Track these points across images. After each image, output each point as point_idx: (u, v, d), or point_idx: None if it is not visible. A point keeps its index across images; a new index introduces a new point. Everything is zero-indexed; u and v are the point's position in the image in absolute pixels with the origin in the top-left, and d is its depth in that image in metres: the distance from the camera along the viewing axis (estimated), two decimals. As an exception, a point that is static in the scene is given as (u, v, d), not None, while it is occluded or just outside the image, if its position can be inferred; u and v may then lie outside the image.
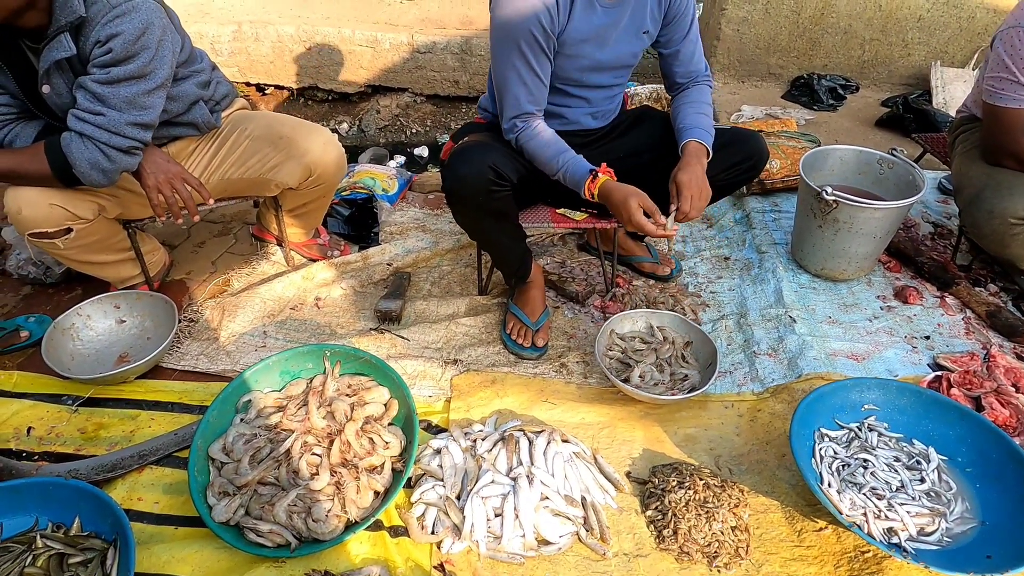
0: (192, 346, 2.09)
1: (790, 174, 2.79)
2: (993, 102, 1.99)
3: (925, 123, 3.31)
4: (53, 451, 1.77)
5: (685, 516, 1.56)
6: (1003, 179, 2.04)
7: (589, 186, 1.77)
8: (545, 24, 1.70)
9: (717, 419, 1.90)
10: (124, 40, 1.61)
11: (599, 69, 1.88)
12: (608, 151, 2.07)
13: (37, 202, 1.77)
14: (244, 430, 1.68)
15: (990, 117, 2.04)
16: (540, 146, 1.83)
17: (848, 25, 3.75)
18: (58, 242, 1.86)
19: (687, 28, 1.93)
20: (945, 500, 1.58)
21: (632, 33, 1.86)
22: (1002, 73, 1.94)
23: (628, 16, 1.81)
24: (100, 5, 1.61)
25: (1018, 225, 2.00)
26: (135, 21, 1.62)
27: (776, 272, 2.40)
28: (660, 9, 1.87)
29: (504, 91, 1.81)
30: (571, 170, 1.79)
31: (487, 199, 1.79)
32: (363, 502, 1.56)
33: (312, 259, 2.49)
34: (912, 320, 2.23)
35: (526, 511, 1.53)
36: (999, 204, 2.00)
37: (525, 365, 2.06)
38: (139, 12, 1.63)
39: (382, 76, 4.81)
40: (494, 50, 1.78)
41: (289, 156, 2.05)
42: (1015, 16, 1.93)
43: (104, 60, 1.63)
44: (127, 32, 1.61)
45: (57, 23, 1.59)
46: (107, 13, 1.60)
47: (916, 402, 1.75)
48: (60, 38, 1.61)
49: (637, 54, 1.92)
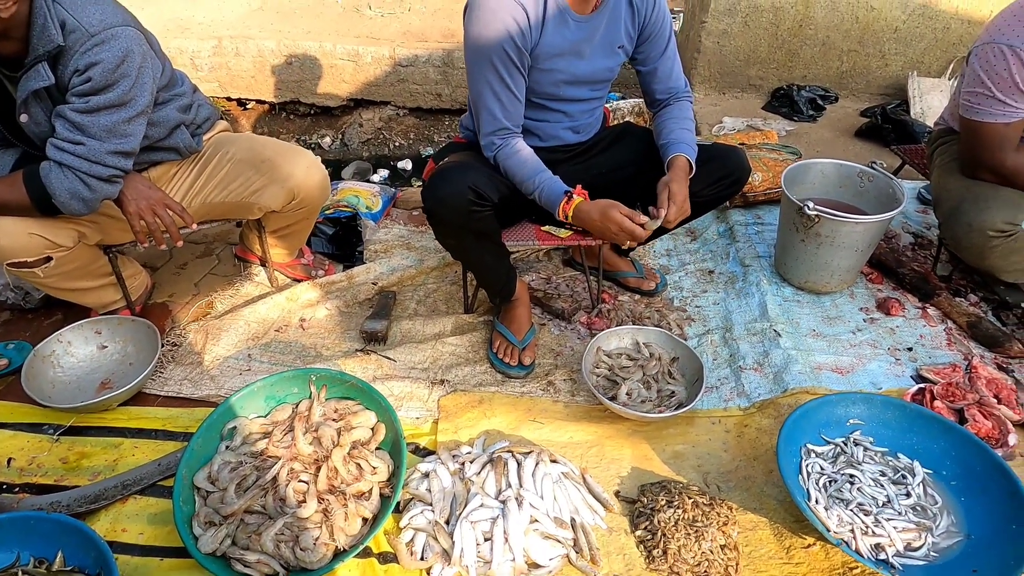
0: (176, 371, 2.07)
1: (772, 187, 2.82)
2: (970, 117, 2.02)
3: (903, 133, 3.35)
4: (34, 482, 1.74)
5: (674, 536, 1.56)
6: (981, 192, 2.07)
7: (564, 207, 1.78)
8: (517, 41, 1.71)
9: (704, 435, 1.90)
10: (103, 69, 1.60)
11: (575, 83, 1.90)
12: (591, 166, 2.08)
13: (15, 231, 1.74)
14: (230, 458, 1.67)
15: (968, 131, 2.07)
16: (517, 164, 1.84)
17: (826, 37, 3.80)
18: (38, 271, 1.83)
19: (664, 46, 1.95)
20: (931, 514, 1.60)
21: (607, 48, 1.87)
22: (978, 88, 1.97)
23: (602, 30, 1.83)
24: (79, 34, 1.59)
25: (997, 237, 2.03)
26: (114, 49, 1.60)
27: (760, 285, 2.42)
28: (635, 26, 1.88)
29: (480, 108, 1.82)
30: (547, 191, 1.81)
31: (468, 220, 1.79)
32: (351, 529, 1.54)
33: (296, 279, 2.48)
34: (895, 332, 2.26)
35: (515, 534, 1.53)
36: (977, 217, 2.03)
37: (512, 384, 2.06)
38: (118, 40, 1.61)
39: (364, 90, 4.80)
40: (469, 67, 1.80)
41: (272, 180, 2.04)
42: (989, 32, 1.96)
43: (83, 89, 1.61)
44: (106, 61, 1.60)
45: (35, 52, 1.58)
46: (86, 42, 1.59)
47: (900, 416, 1.76)
48: (38, 67, 1.59)
49: (613, 69, 1.94)
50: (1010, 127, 1.98)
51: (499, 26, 1.69)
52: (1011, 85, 1.91)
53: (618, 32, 1.86)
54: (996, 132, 1.99)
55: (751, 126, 3.61)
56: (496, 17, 1.68)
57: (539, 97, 1.90)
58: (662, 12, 1.89)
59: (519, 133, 1.88)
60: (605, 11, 1.80)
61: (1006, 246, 2.04)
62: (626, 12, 1.85)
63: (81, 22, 1.59)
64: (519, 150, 1.85)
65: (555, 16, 1.74)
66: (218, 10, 5.19)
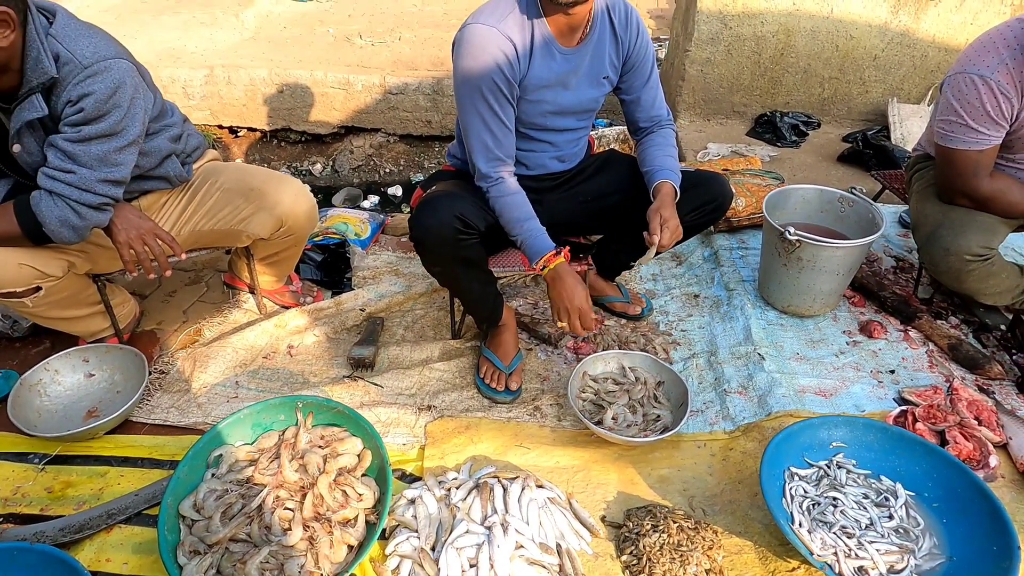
0: (163, 399, 2.07)
1: (755, 212, 2.86)
2: (945, 144, 2.07)
3: (884, 158, 3.42)
4: (18, 512, 1.73)
5: (660, 560, 1.57)
6: (957, 217, 2.12)
7: (549, 258, 1.82)
8: (506, 72, 1.75)
9: (690, 459, 1.92)
10: (96, 99, 1.62)
11: (562, 113, 1.93)
12: (576, 194, 2.12)
13: (5, 262, 1.75)
14: (216, 485, 1.66)
15: (942, 159, 2.12)
16: (509, 206, 1.85)
17: (807, 65, 3.88)
18: (27, 300, 1.84)
19: (647, 75, 1.99)
20: (913, 536, 1.61)
21: (592, 79, 1.91)
22: (951, 116, 2.02)
23: (588, 62, 1.87)
24: (72, 66, 1.62)
25: (973, 261, 2.07)
26: (107, 81, 1.63)
27: (744, 309, 2.45)
28: (619, 56, 1.92)
29: (472, 140, 1.85)
30: (531, 241, 1.83)
31: (455, 248, 1.82)
32: (337, 557, 1.54)
33: (285, 306, 2.49)
34: (877, 354, 2.28)
35: (501, 561, 1.53)
36: (954, 242, 2.07)
37: (499, 409, 2.07)
38: (111, 72, 1.64)
39: (355, 117, 4.85)
40: (459, 99, 1.83)
41: (260, 207, 2.06)
42: (960, 62, 2.02)
43: (75, 119, 1.64)
44: (99, 92, 1.62)
45: (28, 84, 1.60)
46: (79, 73, 1.62)
47: (883, 438, 1.78)
48: (32, 99, 1.62)
49: (598, 99, 1.98)
50: (983, 154, 2.02)
51: (488, 59, 1.72)
52: (983, 113, 1.96)
53: (603, 63, 1.90)
54: (970, 159, 2.04)
55: (735, 152, 3.67)
56: (485, 51, 1.72)
57: (526, 127, 1.93)
58: (645, 42, 1.94)
59: (511, 163, 1.91)
60: (590, 43, 1.84)
61: (983, 270, 2.08)
62: (610, 43, 1.89)
63: (75, 54, 1.62)
64: (513, 192, 1.87)
65: (542, 48, 1.78)
66: (210, 40, 5.25)
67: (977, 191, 2.07)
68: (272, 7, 5.98)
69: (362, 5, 6.29)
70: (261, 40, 5.33)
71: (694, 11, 3.77)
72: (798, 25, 3.74)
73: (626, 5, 1.89)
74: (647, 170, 1.98)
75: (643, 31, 1.93)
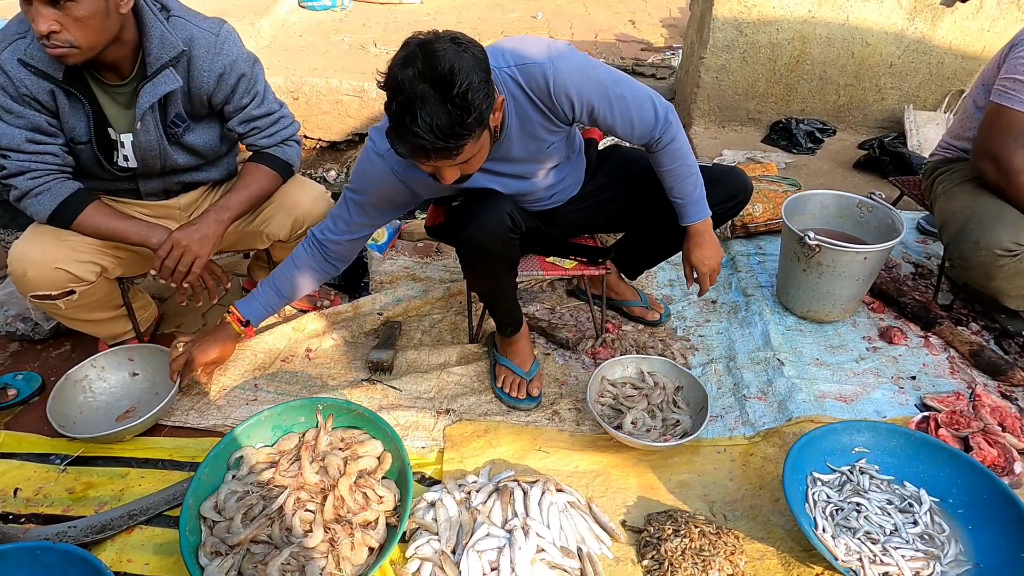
0: (182, 401, 2.08)
1: (773, 218, 2.85)
2: (999, 100, 2.05)
3: (901, 165, 3.40)
4: (41, 512, 1.74)
5: (682, 565, 1.55)
6: (986, 212, 2.09)
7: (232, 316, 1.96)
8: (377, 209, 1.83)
9: (710, 464, 1.90)
10: (237, 61, 1.84)
11: (514, 176, 1.84)
12: (588, 199, 2.07)
13: (43, 266, 1.79)
14: (236, 487, 1.67)
15: (990, 115, 2.10)
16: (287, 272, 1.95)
17: (823, 72, 3.87)
18: (60, 303, 1.87)
19: (609, 117, 1.70)
20: (939, 543, 1.59)
21: (527, 152, 1.75)
22: (1018, 75, 2.01)
23: (513, 149, 1.72)
24: (204, 41, 1.77)
25: (1003, 257, 2.03)
26: (235, 43, 1.85)
27: (763, 315, 2.44)
28: (556, 123, 1.69)
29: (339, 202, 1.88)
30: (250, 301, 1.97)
31: (506, 247, 1.80)
32: (358, 559, 1.54)
33: (302, 310, 2.49)
34: (898, 360, 2.27)
35: (522, 565, 1.52)
36: (984, 236, 2.04)
37: (518, 414, 2.06)
38: (232, 35, 1.85)
39: (369, 124, 4.87)
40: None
41: (280, 207, 2.08)
42: None
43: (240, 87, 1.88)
44: (237, 55, 1.84)
45: (158, 60, 1.70)
46: (212, 45, 1.79)
47: (906, 444, 1.77)
48: (166, 72, 1.72)
49: (545, 149, 1.78)
50: None
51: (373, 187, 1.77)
52: None
53: (535, 138, 1.72)
54: (1018, 121, 2.02)
55: (751, 158, 3.66)
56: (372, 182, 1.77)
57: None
58: (584, 99, 1.64)
59: (332, 249, 1.90)
60: (508, 136, 1.68)
61: (1012, 267, 2.04)
62: (536, 117, 1.67)
63: (200, 26, 1.78)
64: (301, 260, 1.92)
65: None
66: (226, 48, 5.30)
67: (1010, 159, 2.05)
68: (288, 16, 6.02)
69: (377, 14, 6.33)
70: (277, 48, 5.37)
71: (709, 18, 3.78)
72: (814, 32, 3.73)
73: (543, 72, 1.57)
74: (671, 199, 1.90)
75: (575, 92, 1.61)
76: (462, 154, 1.42)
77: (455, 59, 1.32)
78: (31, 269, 1.79)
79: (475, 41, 1.42)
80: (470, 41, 1.40)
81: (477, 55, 1.39)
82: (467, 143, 1.40)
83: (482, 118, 1.39)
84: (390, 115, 1.38)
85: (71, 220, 1.80)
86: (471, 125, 1.37)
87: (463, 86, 1.32)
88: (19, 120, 1.69)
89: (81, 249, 1.85)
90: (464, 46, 1.37)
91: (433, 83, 1.31)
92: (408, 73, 1.32)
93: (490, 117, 1.43)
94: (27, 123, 1.70)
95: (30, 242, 1.82)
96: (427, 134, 1.33)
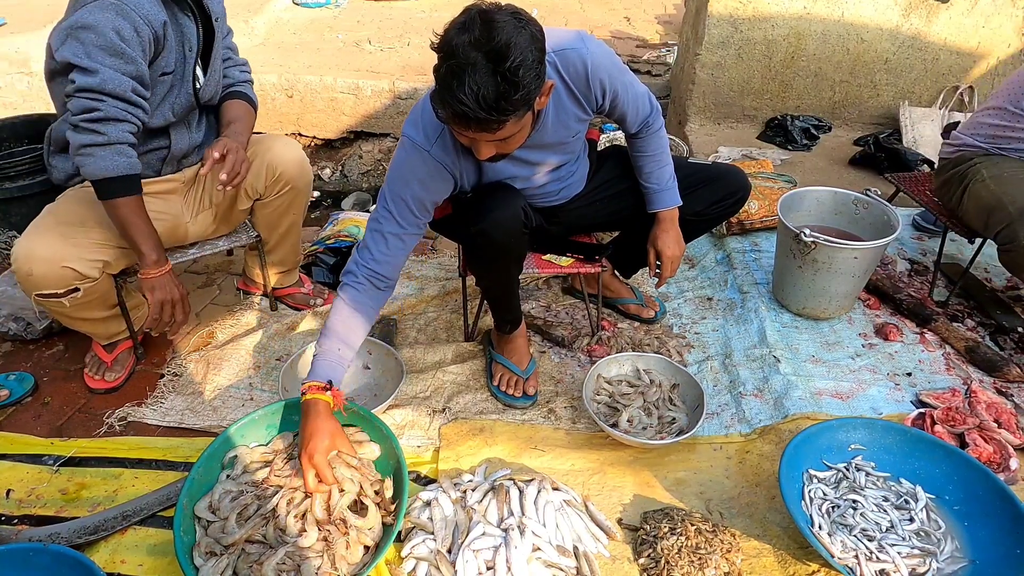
0: (177, 401, 2.07)
1: (768, 214, 2.85)
2: None
3: (896, 161, 3.40)
4: (33, 514, 1.73)
5: (678, 563, 1.55)
6: None
7: (310, 387, 1.62)
8: (434, 197, 1.72)
9: (706, 462, 1.90)
10: None
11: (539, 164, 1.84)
12: (588, 198, 2.09)
13: (50, 265, 1.78)
14: (231, 487, 1.66)
15: None
16: (342, 315, 1.71)
17: (818, 68, 3.87)
18: (65, 301, 1.85)
19: (625, 103, 1.79)
20: (935, 540, 1.59)
21: (557, 143, 1.78)
22: None
23: (548, 135, 1.73)
24: None
25: None
26: None
27: (759, 312, 2.43)
28: (587, 111, 1.74)
29: (366, 232, 1.74)
30: (322, 360, 1.68)
31: (518, 240, 1.79)
32: (353, 558, 1.53)
33: (296, 308, 2.49)
34: (894, 357, 2.27)
35: (518, 563, 1.51)
36: None
37: (514, 412, 2.06)
38: None
39: (364, 122, 4.86)
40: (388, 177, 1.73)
41: (254, 155, 2.10)
42: None
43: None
44: None
45: None
46: None
47: (902, 441, 1.76)
48: None
49: (573, 136, 1.82)
50: None
51: (415, 180, 1.65)
52: None
53: (567, 128, 1.75)
54: None
55: (747, 155, 3.66)
56: (413, 174, 1.65)
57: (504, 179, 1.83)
58: (613, 87, 1.71)
59: (381, 282, 1.73)
60: (545, 123, 1.69)
61: None
62: (572, 106, 1.70)
63: None
64: (358, 302, 1.71)
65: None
66: (220, 45, 5.27)
67: None
68: (282, 13, 6.00)
69: (371, 11, 6.31)
70: (271, 46, 5.35)
71: (704, 15, 3.77)
72: (809, 29, 3.73)
73: (582, 59, 1.61)
74: (643, 185, 1.97)
75: (607, 78, 1.68)
76: (503, 130, 1.39)
77: (513, 33, 1.30)
78: (37, 267, 1.78)
79: (536, 20, 1.39)
80: (530, 19, 1.37)
81: (536, 34, 1.36)
82: (509, 120, 1.37)
83: (529, 97, 1.36)
84: (438, 78, 1.35)
85: (119, 194, 1.75)
86: (517, 102, 1.34)
87: (516, 61, 1.29)
88: (128, 67, 1.68)
89: (86, 246, 1.84)
90: (524, 22, 1.35)
91: (486, 53, 1.28)
92: (464, 39, 1.29)
93: (537, 100, 1.42)
94: (134, 71, 1.70)
95: (35, 240, 1.80)
96: (471, 102, 1.30)
